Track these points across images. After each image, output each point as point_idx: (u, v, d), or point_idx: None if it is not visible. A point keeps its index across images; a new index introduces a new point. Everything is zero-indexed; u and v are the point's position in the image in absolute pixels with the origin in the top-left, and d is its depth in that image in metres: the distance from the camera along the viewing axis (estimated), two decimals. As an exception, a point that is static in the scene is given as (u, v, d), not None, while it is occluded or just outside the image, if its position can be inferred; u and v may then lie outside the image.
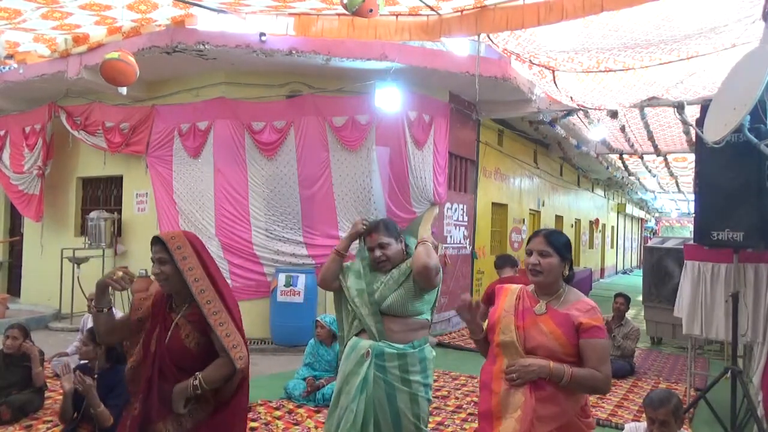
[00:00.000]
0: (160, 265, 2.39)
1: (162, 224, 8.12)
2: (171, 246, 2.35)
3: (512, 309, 2.37)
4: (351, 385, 2.69)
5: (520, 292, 2.44)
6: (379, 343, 2.70)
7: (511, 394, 2.22)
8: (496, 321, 2.37)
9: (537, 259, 2.34)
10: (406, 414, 2.68)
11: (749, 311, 4.52)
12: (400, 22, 5.61)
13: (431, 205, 8.40)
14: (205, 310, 2.34)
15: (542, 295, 2.37)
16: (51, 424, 4.43)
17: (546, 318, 2.29)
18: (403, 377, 2.69)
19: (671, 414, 2.88)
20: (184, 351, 2.37)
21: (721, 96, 4.15)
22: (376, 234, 2.82)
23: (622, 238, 27.37)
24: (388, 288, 2.75)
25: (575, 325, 2.24)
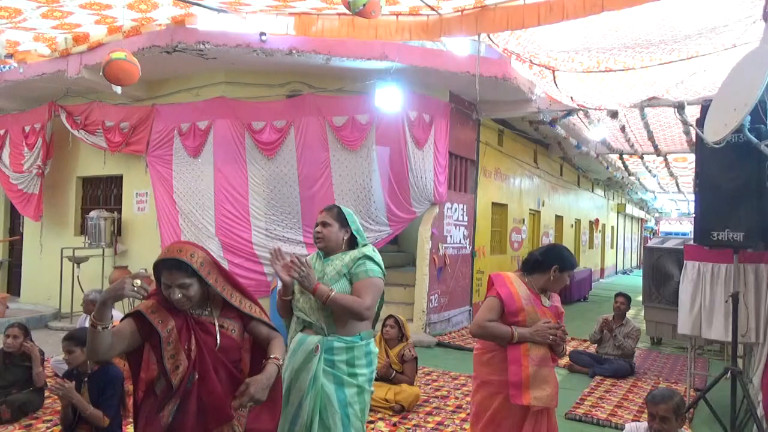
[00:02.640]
0: (183, 290, 2.24)
1: (162, 224, 8.12)
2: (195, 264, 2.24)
3: (531, 301, 2.92)
4: (301, 381, 2.70)
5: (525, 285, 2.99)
6: (327, 337, 2.71)
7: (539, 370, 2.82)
8: (519, 308, 2.88)
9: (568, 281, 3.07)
10: (353, 406, 2.71)
11: (749, 312, 4.52)
12: (400, 22, 5.61)
13: (431, 204, 8.40)
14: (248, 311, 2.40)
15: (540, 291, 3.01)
16: (51, 424, 4.43)
17: (551, 307, 3.00)
18: (350, 371, 2.72)
19: (672, 411, 2.88)
20: (235, 344, 2.40)
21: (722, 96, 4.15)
22: (326, 212, 2.86)
23: (622, 238, 27.38)
24: (330, 279, 2.74)
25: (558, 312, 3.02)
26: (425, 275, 8.22)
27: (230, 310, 2.41)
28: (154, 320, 2.28)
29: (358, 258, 2.76)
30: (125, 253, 8.76)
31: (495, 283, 3.00)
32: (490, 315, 2.89)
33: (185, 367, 2.27)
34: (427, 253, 8.32)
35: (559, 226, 16.13)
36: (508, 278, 2.99)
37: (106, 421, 3.57)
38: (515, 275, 3.03)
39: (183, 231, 7.93)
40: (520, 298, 2.89)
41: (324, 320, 2.72)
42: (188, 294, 2.26)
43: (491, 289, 3.01)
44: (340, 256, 2.80)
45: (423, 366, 6.41)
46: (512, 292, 2.90)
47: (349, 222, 2.85)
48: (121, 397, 3.73)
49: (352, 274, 2.74)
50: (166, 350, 2.27)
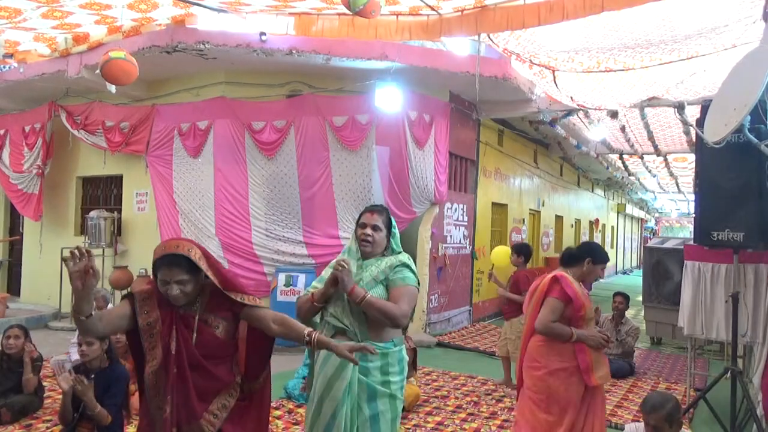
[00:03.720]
0: (180, 286, 2.26)
1: (162, 224, 8.12)
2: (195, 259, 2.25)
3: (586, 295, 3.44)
4: (335, 390, 2.62)
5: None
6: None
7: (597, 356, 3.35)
8: (582, 305, 3.34)
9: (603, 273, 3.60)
10: (384, 416, 2.65)
11: (749, 311, 4.52)
12: (400, 22, 5.60)
13: (431, 204, 8.40)
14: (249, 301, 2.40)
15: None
16: (51, 424, 4.43)
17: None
18: (383, 379, 2.66)
19: (664, 419, 2.83)
20: (216, 341, 2.37)
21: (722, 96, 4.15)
22: (377, 214, 2.76)
23: (622, 238, 27.37)
24: (366, 285, 2.65)
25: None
26: (425, 275, 8.22)
27: (220, 307, 2.38)
28: (139, 308, 2.33)
29: (396, 265, 2.71)
30: (125, 253, 8.76)
31: (562, 284, 3.36)
32: (554, 316, 3.33)
33: (159, 360, 2.30)
34: (427, 253, 8.33)
35: (559, 226, 16.13)
36: (569, 278, 3.40)
37: (109, 419, 3.57)
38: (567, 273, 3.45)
39: (183, 231, 7.93)
40: (583, 296, 3.37)
41: (358, 325, 2.64)
42: (185, 290, 2.27)
43: (554, 290, 3.36)
44: (375, 262, 2.73)
45: (423, 366, 6.41)
46: (577, 292, 3.35)
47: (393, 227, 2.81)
48: (125, 397, 3.74)
49: (389, 281, 2.68)
50: (146, 340, 2.31)
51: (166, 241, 2.38)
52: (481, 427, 4.71)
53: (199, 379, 2.33)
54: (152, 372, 2.31)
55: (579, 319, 3.37)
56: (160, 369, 2.31)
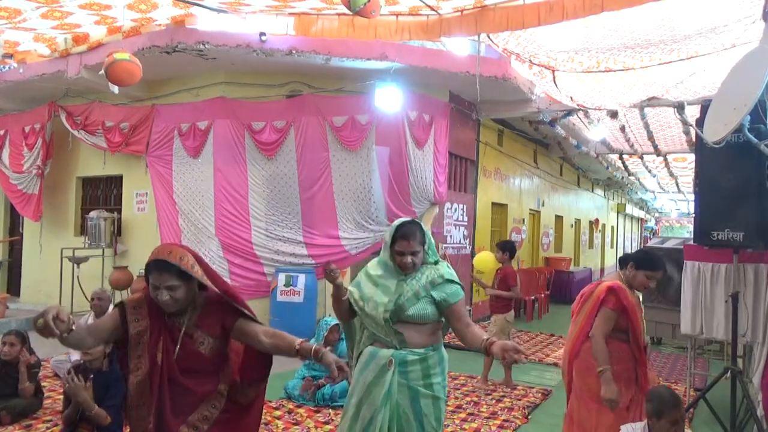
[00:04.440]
0: (170, 292, 2.25)
1: (162, 224, 8.12)
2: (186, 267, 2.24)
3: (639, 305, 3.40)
4: (374, 396, 2.63)
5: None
6: (400, 351, 2.65)
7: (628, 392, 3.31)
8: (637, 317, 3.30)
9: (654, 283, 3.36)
10: (428, 418, 2.66)
11: (749, 311, 4.52)
12: (400, 22, 5.60)
13: (431, 204, 8.40)
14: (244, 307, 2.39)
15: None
16: (51, 424, 4.43)
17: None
18: (425, 382, 2.67)
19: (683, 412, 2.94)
20: (199, 357, 2.35)
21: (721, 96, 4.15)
22: (413, 240, 2.69)
23: (622, 238, 27.37)
24: (408, 300, 2.66)
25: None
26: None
27: (209, 322, 2.35)
28: (129, 316, 2.33)
29: (439, 282, 2.72)
30: (125, 254, 8.76)
31: (620, 296, 3.27)
32: (607, 326, 3.28)
33: (145, 370, 2.28)
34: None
35: (559, 226, 16.13)
36: (625, 290, 3.31)
37: (108, 419, 3.58)
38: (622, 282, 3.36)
39: (183, 231, 7.93)
40: (633, 306, 3.30)
41: (395, 337, 2.65)
42: (175, 296, 2.26)
43: (610, 301, 3.28)
44: (415, 276, 2.72)
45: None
46: (632, 303, 3.29)
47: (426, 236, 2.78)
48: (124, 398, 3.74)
49: (438, 301, 2.68)
50: (133, 349, 2.30)
51: (161, 246, 2.37)
52: (481, 427, 4.71)
53: (175, 392, 2.32)
54: (137, 382, 2.29)
55: (636, 329, 3.31)
56: (145, 379, 2.30)
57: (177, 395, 2.31)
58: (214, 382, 2.41)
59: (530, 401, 5.46)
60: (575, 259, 17.75)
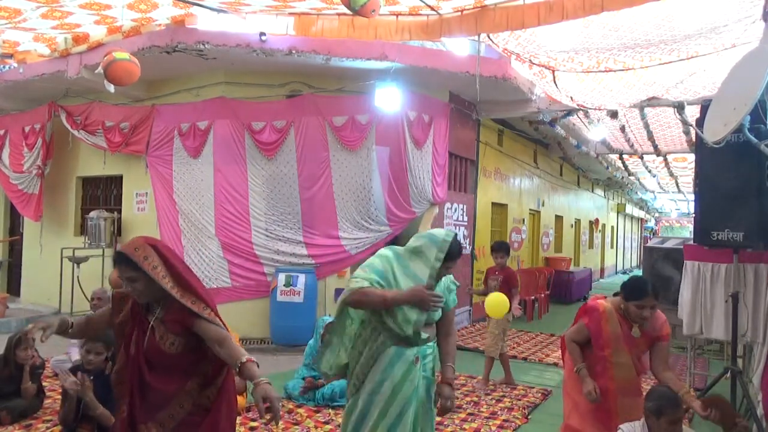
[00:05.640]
0: (131, 283, 2.33)
1: (162, 224, 8.12)
2: (138, 258, 2.29)
3: (620, 336, 3.19)
4: (403, 393, 2.74)
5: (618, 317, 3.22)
6: (422, 348, 2.84)
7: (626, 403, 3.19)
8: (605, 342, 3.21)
9: (650, 313, 3.13)
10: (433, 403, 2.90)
11: (749, 311, 4.52)
12: (400, 22, 5.60)
13: (430, 205, 8.40)
14: (197, 309, 2.33)
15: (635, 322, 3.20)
16: (51, 424, 4.43)
17: (641, 339, 3.22)
18: (433, 369, 2.93)
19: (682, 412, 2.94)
20: (160, 353, 2.35)
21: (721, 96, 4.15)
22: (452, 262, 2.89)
23: (622, 238, 27.37)
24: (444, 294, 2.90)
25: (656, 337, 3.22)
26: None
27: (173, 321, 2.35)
28: (114, 308, 2.47)
29: (452, 289, 3.03)
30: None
31: (589, 317, 3.29)
32: (576, 336, 3.36)
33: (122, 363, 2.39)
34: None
35: (559, 226, 16.13)
36: (604, 315, 3.25)
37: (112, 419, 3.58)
38: (612, 307, 3.26)
39: (183, 231, 7.93)
40: (608, 336, 3.22)
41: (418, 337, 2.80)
42: (136, 287, 2.33)
43: (585, 317, 3.34)
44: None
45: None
46: (602, 329, 3.24)
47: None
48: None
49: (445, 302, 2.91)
50: (117, 340, 2.45)
51: (133, 239, 2.46)
52: (481, 427, 4.71)
53: (145, 388, 2.34)
54: (115, 372, 2.42)
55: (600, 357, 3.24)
56: (121, 370, 2.37)
57: (148, 391, 2.34)
58: (182, 381, 2.39)
59: (530, 401, 5.46)
60: (575, 259, 17.75)
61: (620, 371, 3.19)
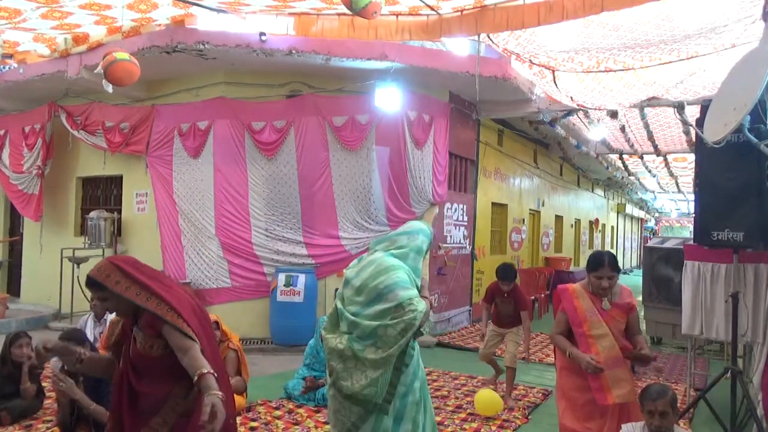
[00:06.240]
0: (103, 303, 2.49)
1: (162, 224, 8.12)
2: (101, 278, 2.40)
3: (594, 310, 3.33)
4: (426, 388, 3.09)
5: (587, 294, 3.38)
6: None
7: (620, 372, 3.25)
8: (582, 318, 3.34)
9: (608, 283, 3.30)
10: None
11: (749, 311, 4.52)
12: (400, 22, 5.60)
13: (431, 205, 8.40)
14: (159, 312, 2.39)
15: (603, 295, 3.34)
16: (51, 424, 4.43)
17: (613, 310, 3.34)
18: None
19: (669, 405, 2.90)
20: (144, 358, 2.42)
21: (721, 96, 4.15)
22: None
23: (622, 238, 27.37)
24: None
25: (629, 308, 3.37)
26: (425, 275, 8.20)
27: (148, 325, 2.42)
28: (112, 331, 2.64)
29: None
30: (125, 254, 8.76)
31: (562, 298, 3.43)
32: (558, 329, 3.45)
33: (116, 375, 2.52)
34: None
35: (559, 226, 16.13)
36: (574, 293, 3.42)
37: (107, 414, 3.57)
38: (580, 286, 3.44)
39: (183, 231, 7.93)
40: (583, 311, 3.34)
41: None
42: (108, 306, 2.49)
43: (560, 304, 3.46)
44: None
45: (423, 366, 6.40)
46: (575, 307, 3.38)
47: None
48: None
49: None
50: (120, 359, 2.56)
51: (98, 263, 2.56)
52: (481, 427, 4.71)
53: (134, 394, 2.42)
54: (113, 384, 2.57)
55: (580, 336, 3.32)
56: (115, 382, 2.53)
57: (138, 398, 2.41)
58: (170, 384, 2.42)
59: (530, 401, 5.46)
60: (575, 259, 17.74)
61: (602, 343, 3.28)
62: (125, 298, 2.39)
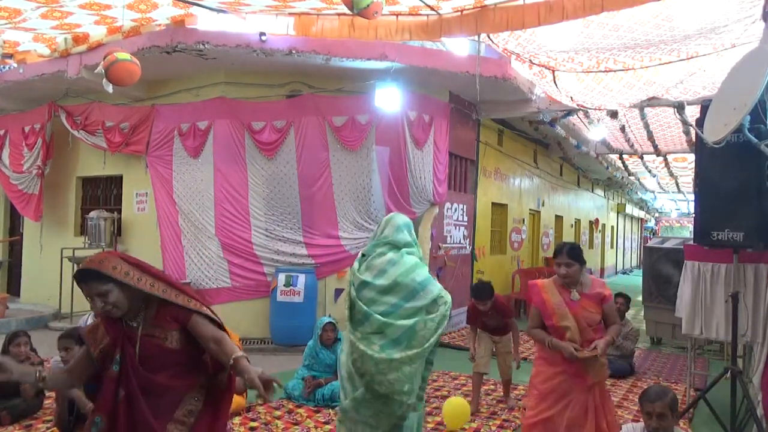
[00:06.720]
0: (104, 298, 2.23)
1: (162, 224, 8.12)
2: (107, 269, 2.21)
3: (562, 302, 3.41)
4: None
5: (556, 287, 3.47)
6: None
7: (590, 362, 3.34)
8: (551, 311, 3.44)
9: (565, 270, 3.40)
10: None
11: (749, 311, 4.52)
12: (400, 22, 5.60)
13: (431, 205, 8.40)
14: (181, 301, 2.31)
15: (569, 286, 3.43)
16: (51, 424, 4.43)
17: (583, 301, 3.42)
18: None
19: (668, 407, 2.90)
20: (167, 352, 2.31)
21: (721, 96, 4.15)
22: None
23: (622, 238, 27.37)
24: None
25: (601, 298, 3.45)
26: None
27: (166, 320, 2.32)
28: (88, 341, 2.33)
29: None
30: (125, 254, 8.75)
31: (531, 294, 3.55)
32: (533, 323, 3.58)
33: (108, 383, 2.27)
34: (427, 253, 8.32)
35: (559, 226, 16.13)
36: (542, 287, 3.52)
37: None
38: (550, 280, 3.54)
39: (183, 231, 7.93)
40: (552, 304, 3.44)
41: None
42: (109, 300, 2.23)
43: (531, 299, 3.59)
44: None
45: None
46: (544, 300, 3.48)
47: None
48: None
49: None
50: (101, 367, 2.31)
51: (92, 256, 2.34)
52: (481, 427, 4.71)
53: (151, 395, 2.28)
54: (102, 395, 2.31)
55: (551, 328, 3.45)
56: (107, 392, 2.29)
57: (153, 397, 2.27)
58: (193, 375, 2.38)
59: (530, 401, 5.46)
60: (576, 259, 17.71)
61: (573, 334, 3.38)
62: (137, 289, 2.23)
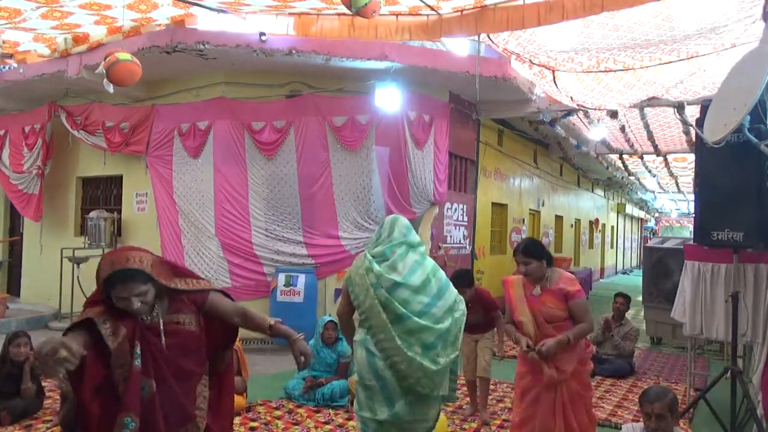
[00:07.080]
0: (143, 298, 2.20)
1: (162, 224, 8.12)
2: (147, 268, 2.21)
3: (522, 297, 3.48)
4: None
5: (522, 282, 3.52)
6: None
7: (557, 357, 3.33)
8: (514, 306, 3.51)
9: (523, 268, 3.46)
10: None
11: (749, 311, 4.52)
12: (400, 22, 5.60)
13: (431, 205, 8.39)
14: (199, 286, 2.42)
15: (535, 282, 3.47)
16: (51, 424, 4.43)
17: (543, 296, 3.43)
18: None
19: (667, 408, 2.89)
20: (194, 336, 2.36)
21: (721, 96, 4.15)
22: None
23: (622, 238, 27.37)
24: None
25: (564, 294, 3.39)
26: None
27: (183, 305, 2.36)
28: (105, 332, 2.18)
29: None
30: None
31: (504, 289, 3.61)
32: (507, 319, 3.67)
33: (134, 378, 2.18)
34: (427, 253, 8.30)
35: (559, 226, 16.12)
36: (511, 283, 3.58)
37: None
38: (519, 277, 3.56)
39: (183, 231, 7.93)
40: (515, 299, 3.53)
41: None
42: (146, 300, 2.22)
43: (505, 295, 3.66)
44: None
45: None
46: (510, 296, 3.56)
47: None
48: None
49: None
50: (116, 362, 2.18)
51: (112, 256, 2.28)
52: (481, 427, 4.71)
53: (181, 382, 2.30)
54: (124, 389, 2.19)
55: (516, 322, 3.52)
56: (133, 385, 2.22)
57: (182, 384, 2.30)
58: (205, 360, 2.44)
59: (530, 401, 5.45)
60: (575, 259, 17.74)
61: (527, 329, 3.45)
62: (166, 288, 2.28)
